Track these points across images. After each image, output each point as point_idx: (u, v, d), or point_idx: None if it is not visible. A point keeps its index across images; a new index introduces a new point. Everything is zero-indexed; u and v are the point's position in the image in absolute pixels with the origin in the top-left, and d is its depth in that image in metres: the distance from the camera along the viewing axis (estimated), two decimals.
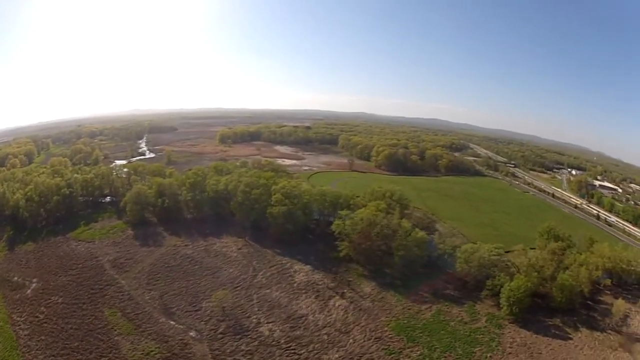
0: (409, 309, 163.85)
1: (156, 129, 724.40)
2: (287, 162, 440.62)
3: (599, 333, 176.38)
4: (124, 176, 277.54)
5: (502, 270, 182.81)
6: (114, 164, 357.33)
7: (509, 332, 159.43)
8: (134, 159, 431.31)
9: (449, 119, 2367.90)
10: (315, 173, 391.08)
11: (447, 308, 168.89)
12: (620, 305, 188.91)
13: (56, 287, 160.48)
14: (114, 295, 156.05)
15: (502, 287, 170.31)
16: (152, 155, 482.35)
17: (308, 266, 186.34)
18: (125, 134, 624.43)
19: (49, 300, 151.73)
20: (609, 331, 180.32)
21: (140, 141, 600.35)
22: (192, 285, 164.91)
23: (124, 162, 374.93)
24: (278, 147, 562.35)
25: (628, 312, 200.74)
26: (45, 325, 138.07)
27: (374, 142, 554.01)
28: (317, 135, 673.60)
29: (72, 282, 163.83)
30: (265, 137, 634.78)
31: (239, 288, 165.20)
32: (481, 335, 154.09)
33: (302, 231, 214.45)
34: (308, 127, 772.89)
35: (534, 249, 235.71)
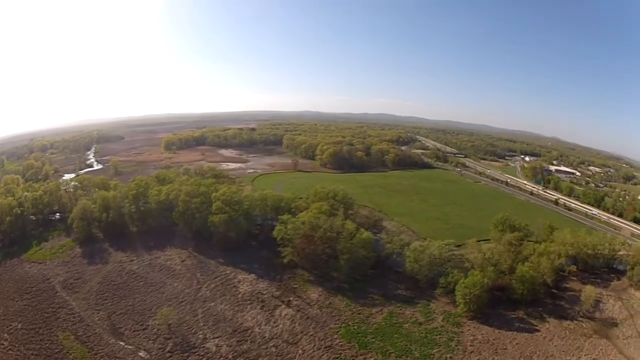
0: (358, 314, 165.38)
1: (104, 139, 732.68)
2: (232, 165, 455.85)
3: (569, 322, 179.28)
4: (71, 191, 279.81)
5: (455, 267, 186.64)
6: (63, 178, 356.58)
7: (469, 329, 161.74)
8: (82, 171, 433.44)
9: (396, 113, 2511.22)
10: (260, 176, 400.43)
11: (400, 309, 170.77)
12: (589, 291, 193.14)
13: (15, 313, 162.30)
14: (66, 318, 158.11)
15: (456, 284, 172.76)
16: (99, 166, 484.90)
17: (252, 275, 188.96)
18: (75, 145, 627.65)
19: (10, 327, 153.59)
20: (581, 319, 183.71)
21: (89, 152, 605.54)
22: (139, 303, 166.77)
23: (72, 175, 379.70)
24: (223, 151, 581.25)
25: (599, 298, 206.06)
26: (11, 352, 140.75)
27: (318, 140, 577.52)
28: (262, 136, 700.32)
29: (28, 307, 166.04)
30: (210, 141, 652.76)
31: (183, 303, 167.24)
32: (438, 336, 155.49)
33: (245, 238, 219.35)
34: (253, 129, 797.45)
35: (489, 240, 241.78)
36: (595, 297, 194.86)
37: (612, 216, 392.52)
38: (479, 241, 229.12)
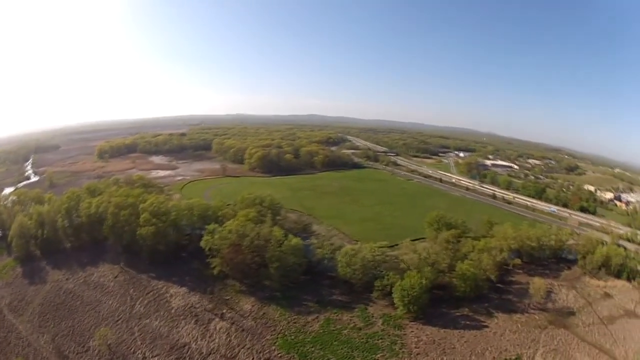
0: (294, 323, 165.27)
1: (41, 149, 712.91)
2: (162, 173, 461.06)
3: (519, 315, 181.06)
4: (9, 206, 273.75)
5: (390, 269, 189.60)
6: (3, 192, 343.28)
7: (412, 331, 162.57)
8: (21, 184, 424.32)
9: (326, 114, 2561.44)
10: (189, 183, 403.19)
11: (337, 315, 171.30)
12: (538, 283, 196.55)
13: None
14: (16, 343, 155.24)
15: (393, 286, 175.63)
16: (37, 178, 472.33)
17: (184, 288, 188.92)
18: (14, 157, 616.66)
19: None
20: (532, 311, 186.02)
21: (27, 164, 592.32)
22: (78, 324, 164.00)
23: (12, 189, 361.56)
24: (153, 158, 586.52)
25: (550, 288, 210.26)
26: None
27: (247, 144, 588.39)
28: (192, 141, 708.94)
29: None
30: (141, 148, 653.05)
31: (120, 321, 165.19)
32: (380, 340, 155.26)
33: (174, 250, 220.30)
34: (183, 134, 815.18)
35: (424, 239, 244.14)
36: (545, 289, 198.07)
37: (574, 212, 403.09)
38: (413, 240, 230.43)
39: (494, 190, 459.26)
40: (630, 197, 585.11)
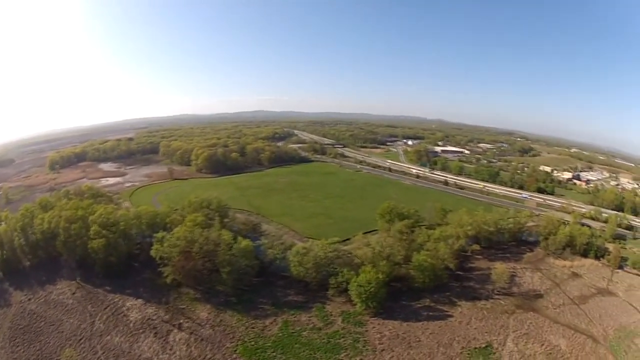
0: (252, 328, 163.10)
1: None
2: (111, 180, 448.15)
3: (484, 301, 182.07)
4: None
5: (344, 265, 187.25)
6: None
7: (374, 327, 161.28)
8: None
9: (273, 109, 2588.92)
10: (138, 189, 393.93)
11: (294, 317, 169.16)
12: (501, 268, 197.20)
13: None
14: None
15: (348, 283, 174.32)
16: None
17: (139, 300, 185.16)
18: None
19: None
20: (497, 296, 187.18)
21: None
22: (44, 346, 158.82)
23: None
24: (102, 166, 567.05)
25: (514, 272, 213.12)
26: None
27: (193, 145, 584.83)
28: (139, 145, 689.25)
29: None
30: (90, 156, 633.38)
31: (82, 340, 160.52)
32: (342, 339, 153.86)
33: (126, 261, 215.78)
34: (130, 139, 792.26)
35: (376, 231, 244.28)
36: (508, 273, 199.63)
37: (537, 195, 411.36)
38: (365, 233, 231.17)
39: (446, 177, 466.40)
40: (590, 176, 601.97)
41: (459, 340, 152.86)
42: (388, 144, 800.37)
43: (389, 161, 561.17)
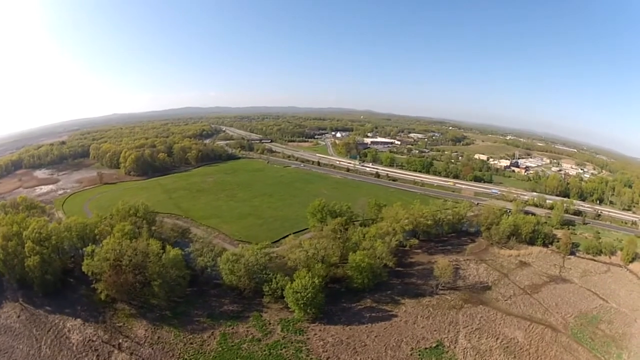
0: (191, 343, 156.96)
1: None
2: (44, 189, 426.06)
3: (428, 298, 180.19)
4: None
5: (278, 269, 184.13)
6: None
7: (315, 334, 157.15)
8: None
9: (201, 105, 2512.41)
10: (70, 196, 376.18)
11: (232, 328, 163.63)
12: (443, 262, 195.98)
13: None
14: None
15: (283, 289, 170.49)
16: None
17: (78, 320, 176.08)
18: None
19: None
20: (442, 292, 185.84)
21: None
22: None
23: None
24: (37, 173, 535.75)
25: (457, 265, 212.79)
26: None
27: (122, 146, 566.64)
28: (71, 149, 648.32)
29: None
30: (26, 163, 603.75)
31: None
32: (284, 350, 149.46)
33: (63, 276, 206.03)
34: (63, 143, 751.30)
35: (308, 229, 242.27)
36: (451, 266, 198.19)
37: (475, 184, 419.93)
38: (297, 233, 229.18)
39: (377, 169, 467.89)
40: (529, 162, 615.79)
41: (407, 341, 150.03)
42: (316, 137, 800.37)
43: (318, 155, 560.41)
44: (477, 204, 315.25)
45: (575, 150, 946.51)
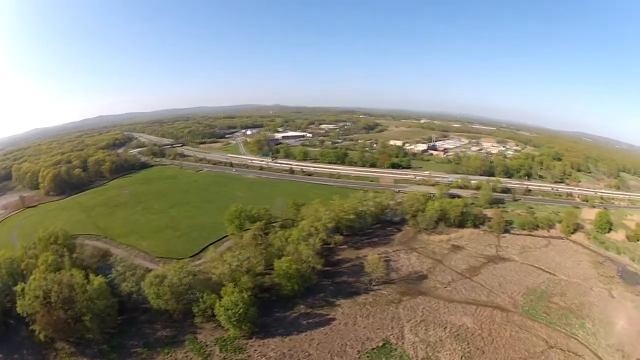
0: None
1: None
2: None
3: (363, 296, 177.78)
4: None
5: (204, 287, 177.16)
6: None
7: (255, 349, 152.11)
8: None
9: (113, 112, 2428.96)
10: None
11: (170, 356, 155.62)
12: (373, 257, 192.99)
13: None
14: None
15: (213, 307, 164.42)
16: None
17: None
18: None
19: None
20: (377, 287, 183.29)
21: None
22: None
23: None
24: None
25: (387, 257, 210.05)
26: None
27: (40, 164, 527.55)
28: None
29: None
30: None
31: None
32: None
33: (4, 318, 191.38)
34: None
35: (227, 237, 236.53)
36: (382, 260, 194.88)
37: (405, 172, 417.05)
38: (216, 242, 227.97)
39: (290, 164, 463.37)
40: (447, 144, 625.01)
41: (351, 344, 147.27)
42: (227, 136, 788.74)
43: (230, 155, 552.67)
44: (398, 191, 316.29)
45: (495, 128, 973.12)
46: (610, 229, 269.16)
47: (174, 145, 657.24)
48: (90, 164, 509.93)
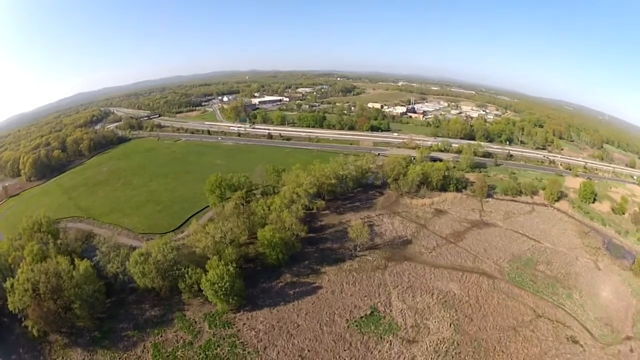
0: None
1: None
2: None
3: (349, 262, 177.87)
4: None
5: (189, 262, 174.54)
6: None
7: (244, 323, 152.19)
8: None
9: (90, 89, 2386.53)
10: None
11: (160, 336, 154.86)
12: (357, 224, 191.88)
13: None
14: None
15: (199, 282, 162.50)
16: None
17: None
18: None
19: None
20: (362, 253, 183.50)
21: None
22: None
23: None
24: None
25: (370, 221, 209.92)
26: None
27: (20, 151, 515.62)
28: None
29: None
30: None
31: None
32: (219, 349, 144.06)
33: None
34: None
35: (209, 207, 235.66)
36: (365, 225, 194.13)
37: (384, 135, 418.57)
38: (198, 213, 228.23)
39: (268, 129, 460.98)
40: (427, 107, 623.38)
41: (339, 312, 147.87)
42: (204, 104, 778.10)
43: (207, 123, 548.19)
44: (378, 154, 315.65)
45: (474, 92, 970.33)
46: (594, 200, 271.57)
47: (151, 117, 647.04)
48: (68, 144, 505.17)
